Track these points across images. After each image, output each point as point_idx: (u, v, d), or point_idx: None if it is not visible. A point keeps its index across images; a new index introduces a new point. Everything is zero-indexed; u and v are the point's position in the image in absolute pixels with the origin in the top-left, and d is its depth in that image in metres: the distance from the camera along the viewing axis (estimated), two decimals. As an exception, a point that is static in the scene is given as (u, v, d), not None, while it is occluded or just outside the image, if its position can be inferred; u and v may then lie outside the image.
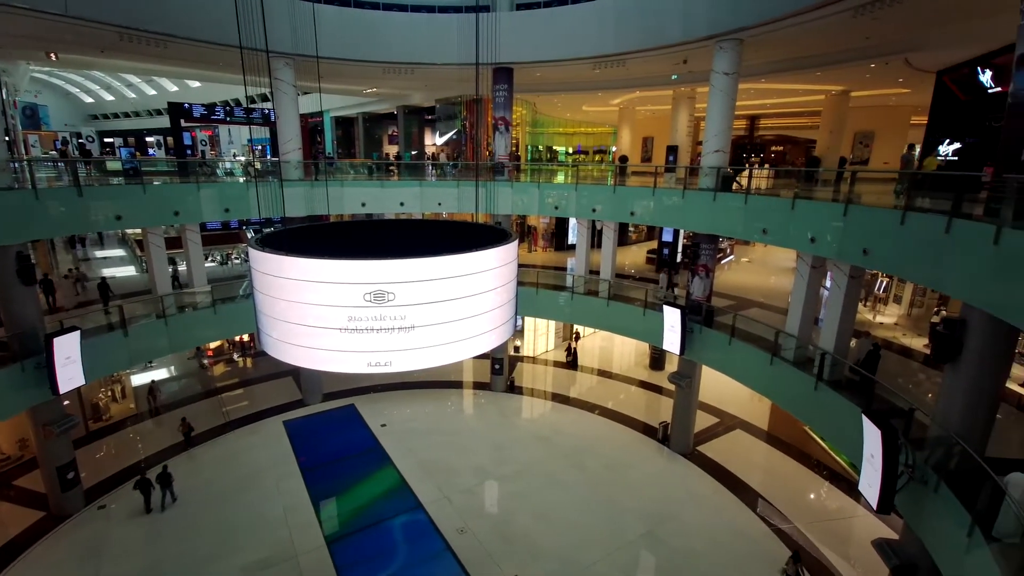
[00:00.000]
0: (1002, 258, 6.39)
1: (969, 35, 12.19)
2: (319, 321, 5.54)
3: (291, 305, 5.61)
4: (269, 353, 6.23)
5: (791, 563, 11.54)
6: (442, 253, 5.66)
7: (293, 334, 5.80)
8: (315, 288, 5.41)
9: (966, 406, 7.85)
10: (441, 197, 18.50)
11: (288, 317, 5.71)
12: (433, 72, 19.01)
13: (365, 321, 5.50)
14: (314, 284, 5.40)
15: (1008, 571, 5.78)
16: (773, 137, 34.32)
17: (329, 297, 5.41)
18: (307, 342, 5.74)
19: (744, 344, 13.15)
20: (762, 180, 15.54)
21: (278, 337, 5.97)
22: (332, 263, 5.34)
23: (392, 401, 20.03)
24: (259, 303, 6.07)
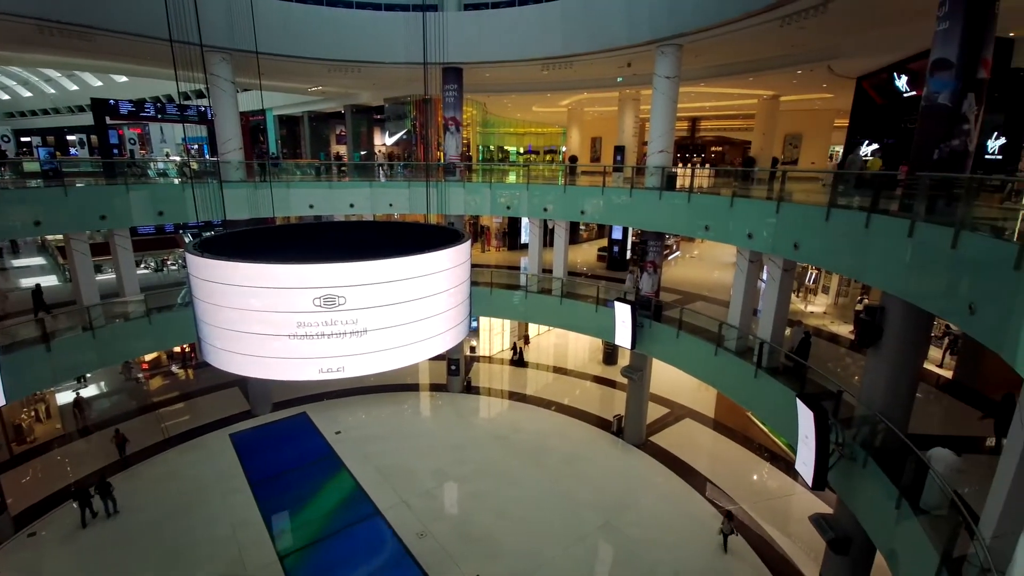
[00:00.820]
0: (915, 250, 7.02)
1: (886, 43, 13.25)
2: (266, 328, 5.38)
3: (235, 312, 5.41)
4: (212, 363, 5.99)
5: (726, 522, 12.62)
6: (394, 255, 5.62)
7: (238, 342, 5.60)
8: (261, 294, 5.24)
9: (888, 387, 8.54)
10: (392, 198, 18.22)
11: (232, 325, 5.51)
12: (381, 71, 18.71)
13: (315, 326, 5.39)
14: (260, 290, 5.22)
15: (936, 541, 6.27)
16: (713, 138, 35.95)
17: (276, 303, 5.25)
18: (253, 350, 5.56)
19: (691, 336, 13.75)
20: (703, 179, 16.29)
21: (222, 346, 5.75)
22: (279, 267, 5.19)
23: (347, 407, 19.56)
24: (199, 311, 5.82)
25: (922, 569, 6.35)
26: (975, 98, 7.40)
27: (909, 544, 6.89)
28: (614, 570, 12.30)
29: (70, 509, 13.17)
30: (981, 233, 6.08)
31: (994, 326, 5.43)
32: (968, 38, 7.25)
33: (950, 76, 7.43)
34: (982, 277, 5.78)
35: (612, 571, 12.30)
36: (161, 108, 22.18)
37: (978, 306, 5.72)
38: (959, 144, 7.50)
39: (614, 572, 12.24)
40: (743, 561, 12.25)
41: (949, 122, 7.46)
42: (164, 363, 22.80)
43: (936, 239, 6.53)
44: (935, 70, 7.59)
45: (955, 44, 7.34)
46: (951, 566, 5.94)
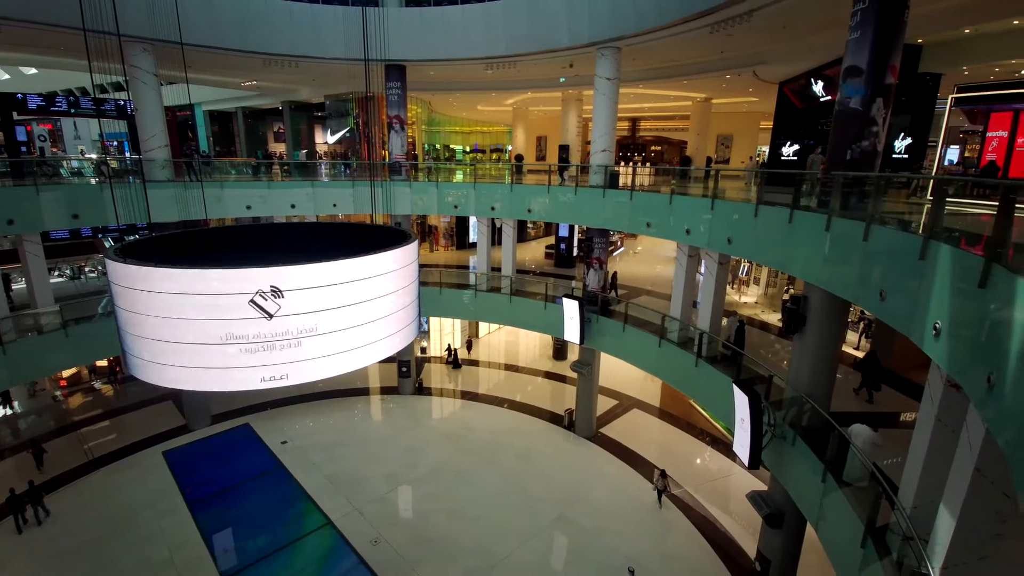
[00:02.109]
0: (832, 243, 7.62)
1: (804, 51, 14.23)
2: (199, 337, 5.09)
3: (164, 321, 5.09)
4: (139, 377, 5.62)
5: (660, 478, 13.69)
6: (338, 256, 5.49)
7: (168, 353, 5.27)
8: (193, 301, 4.96)
9: (812, 369, 9.22)
10: (336, 198, 17.71)
11: (161, 335, 5.18)
12: (320, 67, 18.11)
13: (254, 333, 5.18)
14: (192, 297, 4.94)
15: (860, 511, 6.82)
16: (652, 138, 37.29)
17: (209, 310, 4.99)
18: (185, 361, 5.25)
19: (636, 330, 14.24)
20: (645, 178, 16.89)
21: (150, 358, 5.40)
22: (212, 272, 4.94)
23: (293, 415, 18.84)
24: (122, 321, 5.44)
25: (849, 538, 6.90)
26: (883, 102, 8.11)
27: (836, 515, 7.48)
28: (568, 560, 12.58)
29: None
30: (890, 227, 6.67)
31: (902, 311, 5.98)
32: (877, 46, 7.92)
33: (861, 82, 8.10)
34: (891, 267, 6.35)
35: (567, 561, 12.57)
36: (75, 102, 20.45)
37: (888, 293, 6.29)
38: (869, 145, 8.20)
39: (568, 562, 12.51)
40: (691, 543, 12.85)
41: (860, 125, 8.14)
42: (86, 379, 21.08)
43: (850, 233, 7.12)
44: (847, 76, 8.25)
45: (865, 52, 8.01)
46: (875, 534, 6.51)
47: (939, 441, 5.96)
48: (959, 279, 4.82)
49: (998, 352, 3.99)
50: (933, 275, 5.26)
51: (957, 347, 4.80)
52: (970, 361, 4.52)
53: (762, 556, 10.22)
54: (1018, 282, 3.80)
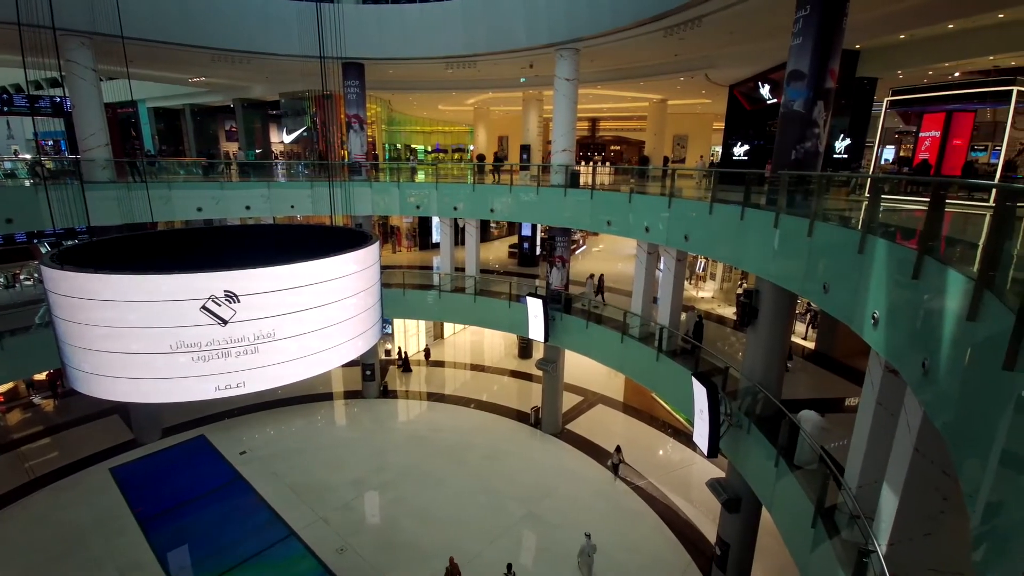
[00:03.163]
0: (780, 238, 7.98)
1: (752, 55, 14.83)
2: (147, 347, 4.86)
3: (107, 331, 4.83)
4: (82, 391, 5.32)
5: (615, 453, 14.42)
6: (295, 259, 5.37)
7: (113, 365, 5.01)
8: (138, 309, 4.73)
9: (764, 360, 9.63)
10: (293, 199, 17.23)
11: (104, 346, 4.92)
12: (273, 63, 17.56)
13: (208, 340, 5.00)
14: (137, 304, 4.71)
15: (810, 493, 7.17)
16: (612, 138, 38.00)
17: (157, 317, 4.77)
18: (133, 372, 5.00)
19: (599, 326, 14.51)
20: (605, 177, 17.20)
21: (92, 370, 5.12)
22: (159, 278, 4.73)
23: (252, 424, 18.22)
24: (62, 332, 5.15)
25: (800, 519, 7.25)
26: (824, 105, 8.55)
27: (788, 498, 7.84)
28: (537, 557, 12.69)
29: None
30: (832, 223, 7.05)
31: (844, 302, 6.33)
32: (818, 52, 8.35)
33: (803, 86, 8.52)
34: (833, 261, 6.71)
35: (536, 558, 12.67)
36: (7, 100, 19.11)
37: (831, 285, 6.65)
38: (811, 146, 8.64)
39: (537, 559, 12.62)
40: (656, 532, 13.20)
41: (803, 126, 8.56)
42: (24, 394, 19.74)
43: (796, 229, 7.49)
44: (791, 80, 8.66)
45: (807, 57, 8.43)
46: (824, 515, 6.87)
47: (880, 424, 6.35)
48: (895, 271, 5.15)
49: (932, 339, 4.28)
50: (871, 268, 5.60)
51: (894, 335, 5.13)
52: (906, 348, 4.84)
53: (721, 540, 10.62)
54: (948, 273, 4.08)
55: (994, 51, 11.80)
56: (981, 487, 3.03)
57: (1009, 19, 10.65)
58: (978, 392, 3.44)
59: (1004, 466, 2.80)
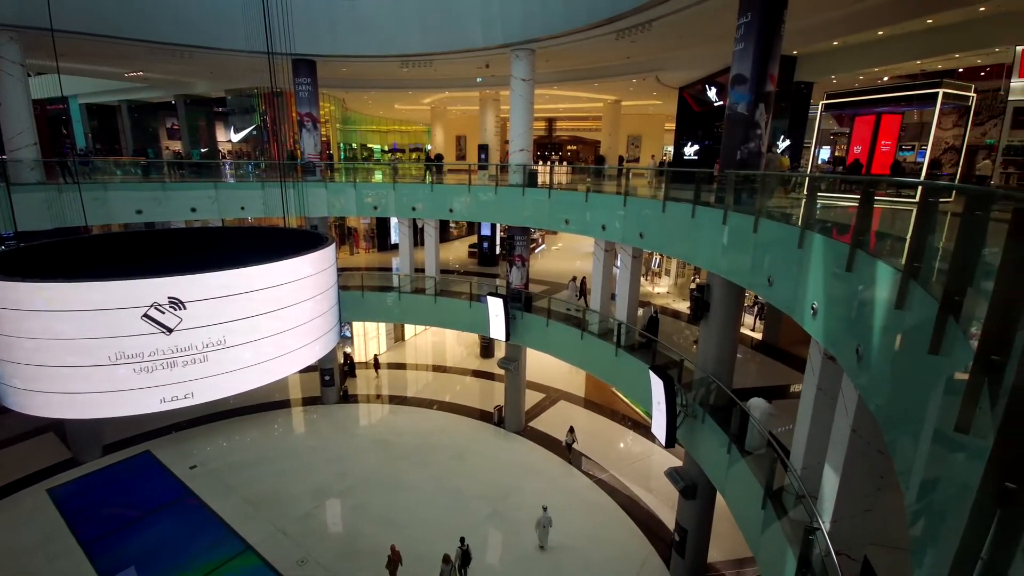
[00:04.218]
0: (728, 235, 8.34)
1: (699, 59, 15.40)
2: (84, 359, 4.57)
3: (39, 343, 4.53)
4: (12, 408, 4.96)
5: (569, 434, 15.03)
6: (246, 263, 5.19)
7: (46, 379, 4.69)
8: (73, 318, 4.44)
9: (716, 351, 10.04)
10: (243, 200, 16.57)
11: (36, 359, 4.60)
12: (218, 58, 16.83)
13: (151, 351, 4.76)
14: (71, 314, 4.43)
15: (760, 477, 7.56)
16: (568, 137, 38.54)
17: (95, 327, 4.50)
18: (69, 387, 4.70)
19: (559, 324, 14.71)
20: (562, 176, 17.44)
21: (24, 386, 4.78)
22: (95, 286, 4.47)
23: (203, 437, 17.41)
24: (-10, 345, 4.79)
25: (751, 502, 7.62)
26: (765, 108, 8.99)
27: (740, 482, 8.23)
28: (503, 554, 12.75)
29: None
30: (774, 220, 7.42)
31: (786, 294, 6.68)
32: (759, 57, 8.76)
33: (746, 89, 8.93)
34: (776, 255, 7.07)
35: (501, 555, 12.73)
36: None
37: (775, 279, 7.01)
38: (755, 146, 9.06)
39: (503, 556, 12.69)
40: (618, 523, 13.51)
41: (746, 128, 8.98)
42: (-59, 414, 18.13)
43: (742, 226, 7.85)
44: (734, 84, 9.06)
45: (749, 62, 8.83)
46: (773, 496, 7.24)
47: (821, 408, 6.75)
48: (831, 264, 5.48)
49: (864, 327, 4.59)
50: (809, 262, 5.95)
51: (831, 324, 5.46)
52: (842, 336, 5.17)
53: (680, 527, 11.00)
54: (878, 265, 4.39)
55: (921, 56, 12.71)
56: (913, 465, 3.26)
57: (936, 25, 11.48)
58: (907, 376, 3.70)
59: (932, 445, 3.03)
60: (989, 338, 2.20)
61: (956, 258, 2.99)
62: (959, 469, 2.46)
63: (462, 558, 11.49)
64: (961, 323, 2.87)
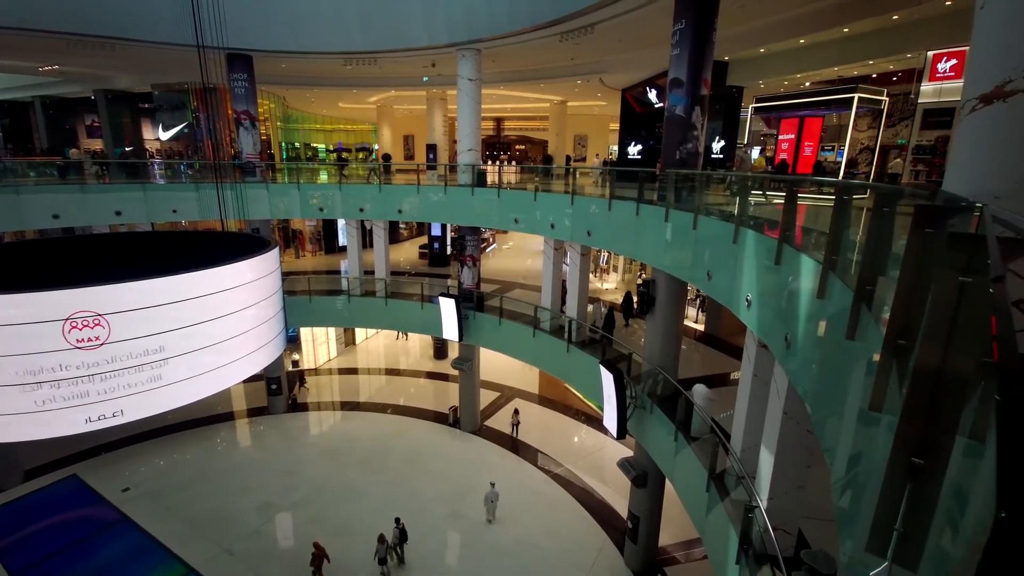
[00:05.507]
0: (670, 231, 8.69)
1: (640, 62, 15.91)
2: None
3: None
4: (-88, 433, 4.51)
5: (514, 415, 15.55)
6: (178, 270, 4.93)
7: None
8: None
9: (662, 344, 10.44)
10: (175, 203, 15.61)
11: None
12: (142, 51, 15.76)
13: (75, 366, 4.44)
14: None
15: (704, 461, 7.93)
16: (516, 137, 38.81)
17: (7, 344, 4.15)
18: (-20, 406, 4.34)
19: (511, 322, 14.81)
20: (511, 176, 17.56)
21: (-74, 408, 4.37)
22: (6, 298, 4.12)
23: (137, 456, 16.30)
24: None
25: (697, 486, 7.99)
26: (700, 110, 9.43)
27: (686, 468, 8.60)
28: (462, 554, 12.72)
29: None
30: (712, 216, 7.81)
31: (724, 287, 7.05)
32: (693, 61, 9.18)
33: (683, 92, 9.33)
34: (714, 251, 7.44)
35: (460, 555, 12.71)
36: None
37: (713, 273, 7.37)
38: (692, 147, 9.49)
39: (463, 555, 12.66)
40: (574, 515, 13.78)
41: (684, 129, 9.39)
42: None
43: (683, 222, 8.20)
44: (672, 87, 9.45)
45: (684, 66, 9.24)
46: (716, 479, 7.62)
47: (757, 393, 7.17)
48: (762, 258, 5.83)
49: (791, 316, 4.92)
50: (743, 256, 6.31)
51: (763, 314, 5.82)
52: (773, 325, 5.51)
53: (632, 514, 11.38)
54: (802, 258, 4.71)
55: (838, 63, 13.70)
56: (835, 443, 3.53)
57: (852, 33, 12.41)
58: (828, 360, 4.00)
59: (851, 423, 3.29)
60: (896, 323, 2.40)
61: (868, 250, 3.26)
62: (874, 445, 2.66)
63: (399, 537, 11.93)
64: (873, 310, 3.13)
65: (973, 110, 3.21)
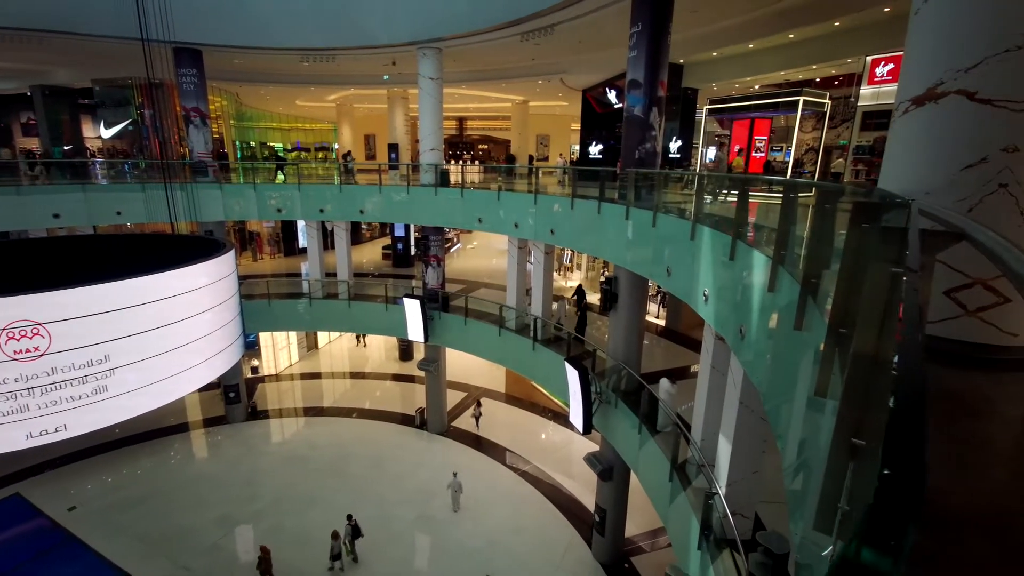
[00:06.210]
0: (631, 229, 8.89)
1: (600, 63, 16.18)
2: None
3: None
4: None
5: (476, 407, 15.53)
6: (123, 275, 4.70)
7: None
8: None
9: (625, 339, 10.67)
10: (120, 204, 14.82)
11: None
12: (80, 44, 14.89)
13: (14, 378, 4.18)
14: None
15: (667, 452, 8.16)
16: (479, 137, 38.77)
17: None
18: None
19: (477, 322, 14.80)
20: (474, 175, 17.52)
21: None
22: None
23: (84, 472, 15.40)
24: None
25: (660, 476, 8.21)
26: (658, 111, 9.68)
27: (651, 459, 8.82)
28: (431, 556, 12.64)
29: None
30: (670, 215, 8.03)
31: (683, 283, 7.27)
32: (650, 64, 9.41)
33: (640, 93, 9.56)
34: (673, 247, 7.66)
35: (429, 557, 12.62)
36: None
37: (672, 269, 7.59)
38: (651, 147, 9.73)
39: (432, 557, 12.58)
40: (542, 511, 13.90)
41: (643, 129, 9.62)
42: None
43: (643, 220, 8.41)
44: (630, 88, 9.66)
45: (642, 68, 9.46)
46: (679, 469, 7.85)
47: (715, 384, 7.44)
48: (718, 254, 6.05)
49: (745, 309, 5.13)
50: (700, 252, 6.53)
51: (719, 308, 6.04)
52: (728, 318, 5.73)
53: (599, 507, 11.59)
54: (754, 254, 4.91)
55: (785, 67, 14.34)
56: (786, 428, 3.70)
57: (797, 39, 13.01)
58: (779, 350, 4.19)
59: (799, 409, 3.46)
60: (837, 313, 2.55)
61: (812, 245, 3.45)
62: (819, 430, 2.82)
63: (352, 533, 11.93)
64: (818, 302, 3.31)
65: (906, 112, 3.42)
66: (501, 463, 15.97)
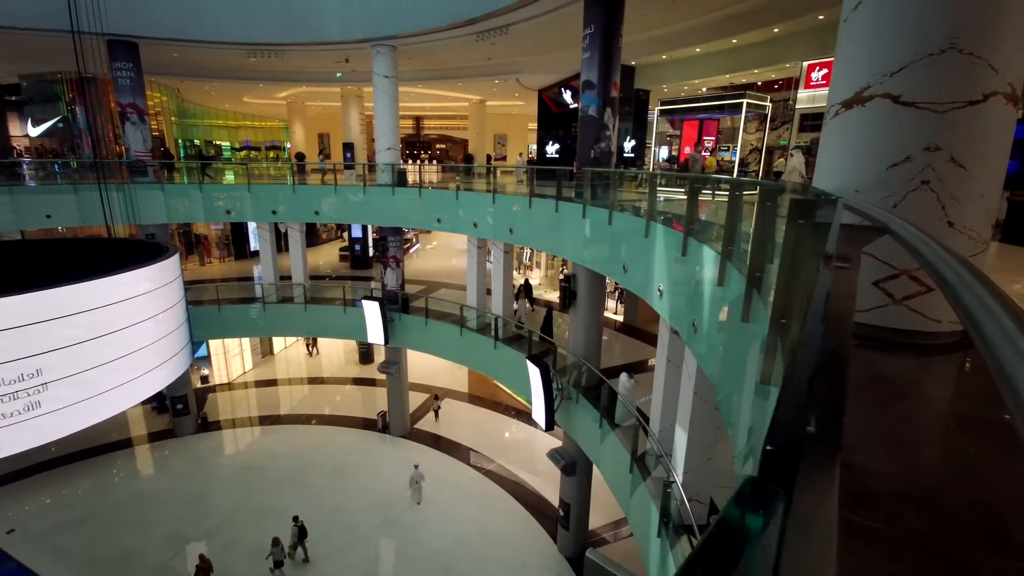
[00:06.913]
0: (588, 227, 9.05)
1: (555, 63, 16.36)
2: None
3: None
4: None
5: (435, 400, 15.68)
6: (54, 283, 4.41)
7: None
8: None
9: (585, 336, 10.86)
10: (50, 207, 13.85)
11: None
12: (4, 37, 13.82)
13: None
14: None
15: (627, 444, 8.35)
16: (437, 136, 38.45)
17: None
18: None
19: (438, 322, 14.69)
20: (432, 175, 17.39)
21: None
22: None
23: (20, 493, 14.28)
24: None
25: (621, 468, 8.41)
26: (612, 111, 9.90)
27: (611, 453, 9.02)
28: (397, 561, 12.47)
29: None
30: (625, 212, 8.23)
31: (639, 279, 7.48)
32: (603, 65, 9.60)
33: (595, 94, 9.74)
34: (628, 245, 7.86)
35: (396, 561, 12.45)
36: None
37: (628, 266, 7.79)
38: (606, 146, 9.94)
39: (398, 562, 12.41)
40: (507, 509, 13.96)
41: (597, 129, 9.80)
42: None
43: (599, 219, 8.58)
44: (585, 88, 9.83)
45: (595, 69, 9.64)
46: (638, 461, 8.07)
47: (671, 377, 7.69)
48: (671, 250, 6.25)
49: (697, 303, 5.32)
50: (654, 249, 6.72)
51: (673, 302, 6.24)
52: (681, 312, 5.93)
53: (563, 502, 11.75)
54: (704, 250, 5.11)
55: (729, 71, 14.95)
56: (737, 417, 3.87)
57: (740, 44, 13.58)
58: (728, 342, 4.37)
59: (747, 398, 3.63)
60: (778, 304, 2.70)
61: (756, 240, 3.62)
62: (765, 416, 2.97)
63: (299, 534, 11.87)
64: (762, 294, 3.48)
65: (836, 114, 3.64)
66: (465, 463, 15.93)
